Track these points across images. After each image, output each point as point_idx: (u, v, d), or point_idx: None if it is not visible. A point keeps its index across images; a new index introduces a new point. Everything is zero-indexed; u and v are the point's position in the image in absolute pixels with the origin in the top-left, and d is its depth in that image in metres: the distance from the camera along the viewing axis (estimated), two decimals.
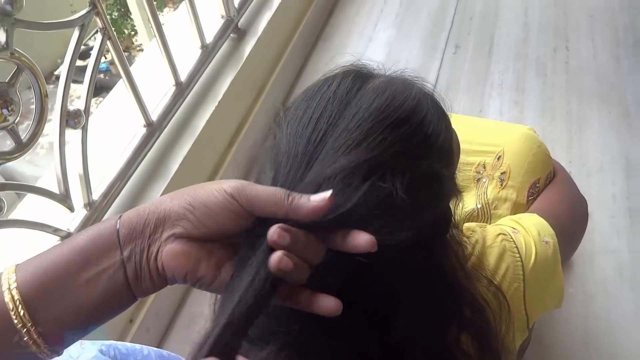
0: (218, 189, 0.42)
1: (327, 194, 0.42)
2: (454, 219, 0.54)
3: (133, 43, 4.23)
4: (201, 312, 1.28)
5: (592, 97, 1.69)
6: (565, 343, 1.19)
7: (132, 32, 4.15)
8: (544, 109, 1.67)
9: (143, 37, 2.84)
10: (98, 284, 0.41)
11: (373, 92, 0.51)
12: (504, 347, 0.59)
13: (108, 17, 0.95)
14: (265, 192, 0.42)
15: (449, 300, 0.53)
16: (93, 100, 2.03)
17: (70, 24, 0.88)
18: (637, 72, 1.76)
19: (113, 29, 0.96)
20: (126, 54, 3.09)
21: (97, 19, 0.93)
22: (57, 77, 2.64)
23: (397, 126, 0.49)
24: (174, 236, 0.42)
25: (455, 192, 0.54)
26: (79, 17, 0.89)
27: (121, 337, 1.08)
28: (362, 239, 0.41)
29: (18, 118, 0.78)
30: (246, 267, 0.41)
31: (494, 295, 0.61)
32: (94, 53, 0.94)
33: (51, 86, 2.93)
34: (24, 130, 0.82)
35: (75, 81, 0.91)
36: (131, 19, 3.80)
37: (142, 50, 3.05)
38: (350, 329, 0.48)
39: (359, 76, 0.54)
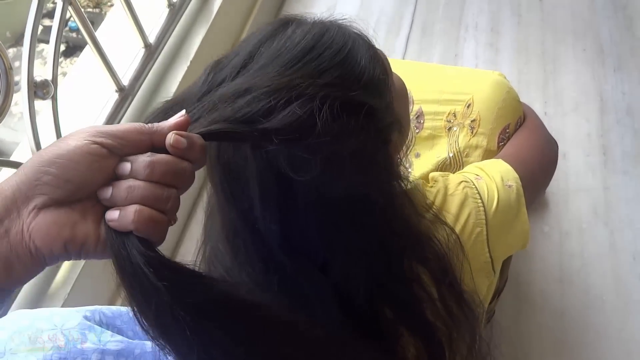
0: (73, 137, 0.39)
1: (181, 112, 0.42)
2: (397, 169, 0.57)
3: None
4: None
5: (566, 35, 1.69)
6: (541, 280, 1.23)
7: None
8: (519, 49, 1.67)
9: None
10: None
11: (297, 27, 0.52)
12: (469, 292, 0.63)
13: None
14: (125, 125, 0.41)
15: (394, 243, 0.56)
16: (68, 60, 1.99)
17: None
18: (611, 7, 1.75)
19: None
20: (97, 10, 3.00)
21: None
22: None
23: (323, 54, 0.50)
24: (36, 208, 0.38)
25: (395, 127, 0.56)
26: None
27: (111, 302, 1.10)
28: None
29: None
30: None
31: (455, 242, 0.64)
32: (55, 23, 0.92)
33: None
34: None
35: (42, 40, 0.89)
36: None
37: (113, 5, 2.96)
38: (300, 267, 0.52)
39: (286, 21, 0.55)
